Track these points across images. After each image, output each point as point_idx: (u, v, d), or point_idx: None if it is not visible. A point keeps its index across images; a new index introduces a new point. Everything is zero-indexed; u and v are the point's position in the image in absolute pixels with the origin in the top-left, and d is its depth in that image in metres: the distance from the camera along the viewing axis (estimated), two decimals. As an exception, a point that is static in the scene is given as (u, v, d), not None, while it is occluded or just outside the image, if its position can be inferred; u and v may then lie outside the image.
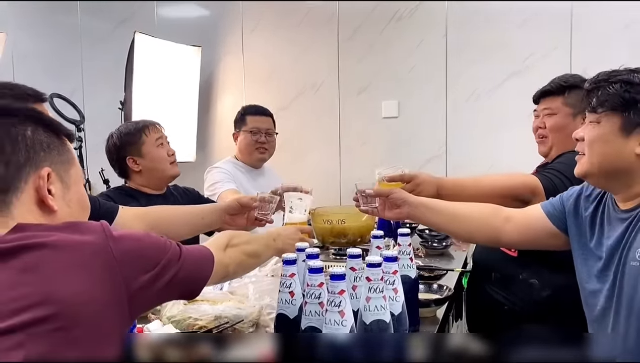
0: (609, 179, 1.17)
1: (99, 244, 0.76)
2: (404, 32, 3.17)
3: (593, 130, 1.16)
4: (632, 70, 1.14)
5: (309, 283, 0.94)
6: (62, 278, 0.71)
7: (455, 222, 1.45)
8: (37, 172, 0.80)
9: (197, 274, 0.95)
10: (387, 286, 1.00)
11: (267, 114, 2.49)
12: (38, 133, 0.82)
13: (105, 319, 0.73)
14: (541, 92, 1.80)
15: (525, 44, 2.92)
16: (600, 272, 1.19)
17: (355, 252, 1.03)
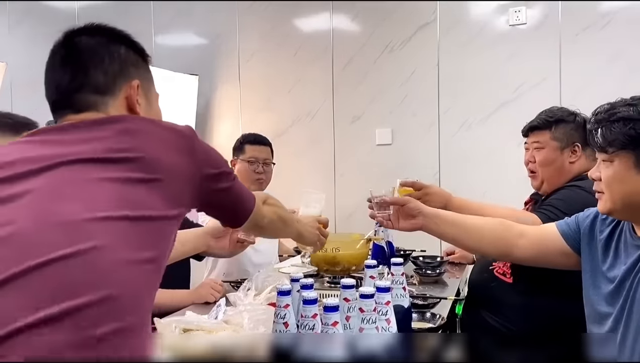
0: (632, 212, 1.18)
1: (189, 134, 0.92)
2: (396, 62, 3.24)
3: (608, 170, 1.16)
4: (629, 102, 1.15)
5: (303, 314, 0.96)
6: (153, 143, 0.86)
7: (468, 235, 1.46)
8: (128, 82, 0.96)
9: (244, 202, 1.08)
10: (379, 317, 1.02)
11: (265, 143, 2.49)
12: (129, 52, 0.98)
13: (180, 186, 0.88)
14: (529, 127, 1.84)
15: (515, 74, 2.99)
16: (610, 296, 1.20)
17: (349, 282, 1.05)
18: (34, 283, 0.70)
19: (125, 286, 0.76)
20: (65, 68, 0.94)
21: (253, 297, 1.54)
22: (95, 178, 0.80)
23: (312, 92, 3.43)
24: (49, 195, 0.78)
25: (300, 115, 3.46)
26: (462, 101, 3.11)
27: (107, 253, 0.75)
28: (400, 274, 1.27)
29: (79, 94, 0.92)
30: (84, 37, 0.96)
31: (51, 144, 0.84)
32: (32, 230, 0.74)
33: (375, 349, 0.89)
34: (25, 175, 0.80)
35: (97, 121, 0.88)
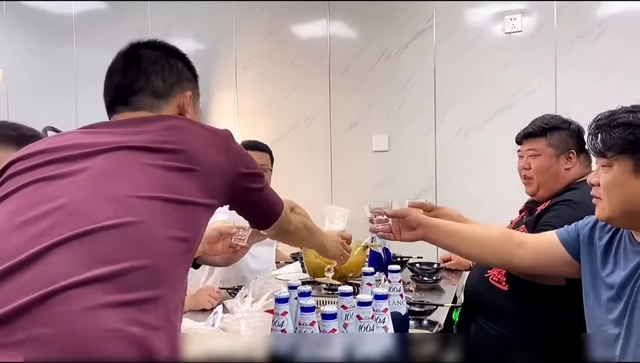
0: (631, 219, 1.18)
1: (226, 136, 1.03)
2: (393, 69, 3.25)
3: (607, 175, 1.17)
4: (630, 110, 1.17)
5: (301, 322, 0.96)
6: (194, 139, 0.96)
7: (468, 244, 1.48)
8: (182, 92, 1.09)
9: (272, 205, 1.16)
10: (377, 324, 1.02)
11: (265, 150, 2.47)
12: (185, 68, 1.12)
13: (215, 180, 0.97)
14: (524, 134, 1.85)
15: (511, 81, 3.01)
16: (609, 301, 1.21)
17: (347, 290, 1.05)
18: (84, 247, 0.79)
19: (161, 258, 0.84)
20: (128, 72, 1.06)
21: (250, 303, 1.54)
22: (141, 163, 0.90)
23: (309, 99, 3.44)
24: (100, 174, 0.88)
25: (298, 121, 3.47)
26: (459, 108, 3.12)
27: (147, 227, 0.84)
28: (398, 281, 1.27)
29: (137, 95, 1.04)
30: (148, 49, 1.09)
31: (104, 134, 0.95)
32: (84, 201, 0.84)
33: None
34: (80, 156, 0.90)
35: (147, 118, 1.00)
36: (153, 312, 0.79)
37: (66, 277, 0.75)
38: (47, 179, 0.88)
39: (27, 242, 0.79)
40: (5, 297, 0.74)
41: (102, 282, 0.76)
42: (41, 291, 0.74)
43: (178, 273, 0.88)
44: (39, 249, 0.78)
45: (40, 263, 0.77)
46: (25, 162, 0.92)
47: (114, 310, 0.75)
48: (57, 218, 0.82)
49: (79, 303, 0.74)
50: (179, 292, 0.89)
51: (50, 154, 0.92)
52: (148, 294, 0.79)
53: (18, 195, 0.88)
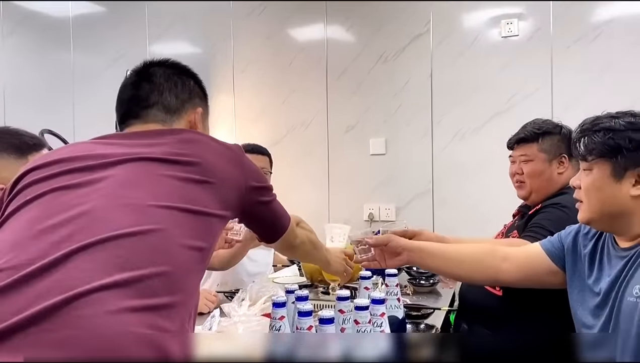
0: (610, 222, 1.20)
1: (238, 150, 1.07)
2: (390, 73, 3.26)
3: (587, 178, 1.20)
4: (613, 115, 1.19)
5: (298, 326, 0.96)
6: (208, 152, 1.00)
7: (453, 265, 1.48)
8: (194, 108, 1.13)
9: (280, 219, 1.20)
10: (374, 328, 1.02)
11: (264, 153, 2.47)
12: (196, 86, 1.16)
13: (229, 192, 1.00)
14: (516, 139, 1.86)
15: (507, 85, 3.02)
16: (596, 308, 1.22)
17: (344, 294, 1.05)
18: (105, 252, 0.81)
19: (178, 266, 0.86)
20: (141, 87, 1.09)
21: (247, 307, 1.54)
22: (159, 174, 0.93)
23: (307, 102, 3.44)
24: (120, 183, 0.91)
25: (295, 124, 3.48)
26: (455, 111, 3.13)
27: (166, 235, 0.87)
28: (395, 285, 1.28)
29: (150, 109, 1.08)
30: (162, 67, 1.13)
31: (118, 145, 0.98)
32: (105, 209, 0.87)
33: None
34: (98, 166, 0.93)
35: (160, 131, 1.04)
36: (170, 318, 0.82)
37: (89, 281, 0.77)
38: (67, 188, 0.90)
39: (49, 248, 0.81)
40: (29, 300, 0.76)
41: (123, 286, 0.79)
42: (65, 294, 0.76)
43: (193, 282, 0.91)
44: (62, 254, 0.80)
45: (63, 268, 0.79)
46: (42, 171, 0.95)
47: (135, 314, 0.78)
48: (78, 225, 0.84)
49: (102, 307, 0.76)
50: (193, 299, 0.91)
51: (68, 164, 0.94)
52: (166, 300, 0.82)
53: (37, 203, 0.90)
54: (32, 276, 0.78)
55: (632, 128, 1.15)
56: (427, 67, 3.19)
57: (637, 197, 1.14)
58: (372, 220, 3.26)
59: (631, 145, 1.13)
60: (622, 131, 1.15)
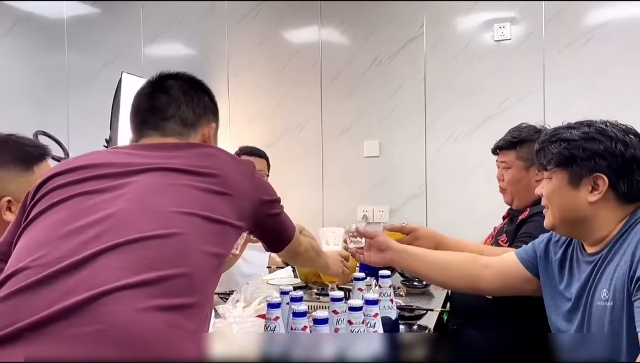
0: (572, 228, 1.25)
1: (250, 165, 1.12)
2: (384, 76, 3.28)
3: (548, 186, 1.26)
4: (571, 126, 1.25)
5: (293, 327, 0.98)
6: (226, 166, 1.03)
7: (435, 271, 1.50)
8: (208, 123, 1.16)
9: (287, 229, 1.23)
10: (368, 329, 1.04)
11: (262, 155, 2.49)
12: (210, 102, 1.19)
13: (244, 204, 1.03)
14: (495, 146, 1.89)
15: (500, 88, 3.05)
16: (568, 313, 1.26)
17: (338, 295, 1.07)
18: (131, 253, 0.85)
19: (199, 269, 0.89)
20: (159, 99, 1.12)
21: (242, 308, 1.55)
22: (181, 183, 0.97)
23: (301, 105, 3.45)
24: (144, 189, 0.94)
25: (289, 127, 3.49)
26: (449, 114, 3.16)
27: (188, 239, 0.90)
28: (388, 286, 1.30)
29: (168, 122, 1.10)
30: (179, 80, 1.16)
31: (138, 156, 1.02)
32: (130, 212, 0.90)
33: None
34: (123, 174, 0.97)
35: (178, 144, 1.08)
36: (191, 318, 0.85)
37: (117, 280, 0.80)
38: (93, 193, 0.94)
39: (78, 247, 0.84)
40: (59, 295, 0.79)
41: (149, 286, 0.82)
42: (93, 291, 0.79)
43: (210, 286, 0.95)
44: (90, 253, 0.83)
45: (91, 266, 0.82)
46: (66, 176, 0.98)
47: (160, 312, 0.81)
48: (105, 227, 0.87)
49: (129, 305, 0.79)
50: (209, 302, 0.96)
51: (92, 170, 0.98)
52: (188, 301, 0.85)
53: (64, 206, 0.93)
54: (61, 273, 0.81)
55: (586, 138, 1.20)
56: (421, 70, 3.21)
57: (594, 203, 1.19)
58: (367, 222, 3.28)
59: (584, 154, 1.19)
60: (576, 141, 1.20)
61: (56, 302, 0.78)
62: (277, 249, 1.29)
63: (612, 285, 1.13)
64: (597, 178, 1.18)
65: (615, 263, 1.15)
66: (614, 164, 1.17)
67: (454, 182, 3.14)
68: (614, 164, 1.17)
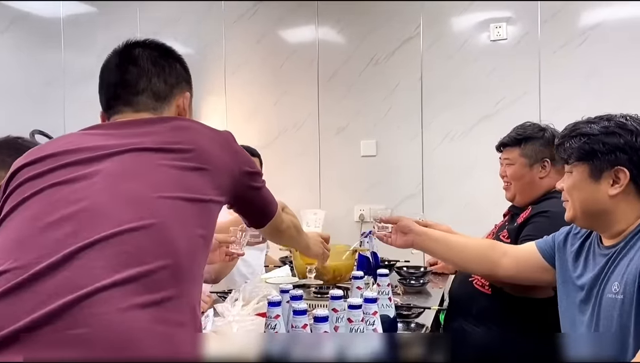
0: (592, 220, 1.28)
1: (229, 136, 1.07)
2: (381, 75, 3.30)
3: (569, 180, 1.29)
4: (590, 121, 1.27)
5: (293, 325, 0.99)
6: (201, 139, 0.99)
7: (453, 253, 1.59)
8: (182, 93, 1.11)
9: (269, 204, 1.21)
10: (367, 326, 1.05)
11: (255, 154, 2.50)
12: (182, 69, 1.14)
13: (224, 178, 1.00)
14: (500, 143, 1.92)
15: (496, 88, 3.07)
16: (581, 303, 1.28)
17: (337, 293, 1.08)
18: (111, 249, 0.82)
19: (183, 257, 0.87)
20: (128, 71, 1.06)
21: (241, 307, 1.56)
22: (155, 163, 0.92)
23: (298, 104, 3.46)
24: (117, 175, 0.90)
25: (286, 126, 3.50)
26: (445, 114, 3.18)
27: (169, 227, 0.87)
28: (386, 285, 1.31)
29: (140, 97, 1.06)
30: (145, 49, 1.10)
31: (110, 136, 0.97)
32: (105, 203, 0.86)
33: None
34: (93, 159, 0.92)
35: (150, 120, 1.03)
36: (179, 309, 0.84)
37: (98, 279, 0.78)
38: (64, 183, 0.90)
39: (54, 245, 0.81)
40: (41, 299, 0.77)
41: (131, 283, 0.80)
42: (76, 293, 0.77)
43: (199, 269, 0.93)
44: (68, 252, 0.80)
45: (70, 266, 0.80)
46: (35, 167, 0.94)
47: (145, 310, 0.79)
48: (81, 221, 0.84)
49: (113, 305, 0.77)
50: (199, 286, 0.94)
51: (62, 158, 0.94)
52: (174, 292, 0.83)
53: (35, 200, 0.89)
54: (40, 275, 0.79)
55: (606, 132, 1.22)
56: (417, 70, 3.22)
57: (615, 196, 1.21)
58: (363, 221, 3.29)
59: (605, 148, 1.21)
60: (597, 135, 1.23)
61: (39, 306, 0.76)
62: (259, 224, 1.26)
63: (624, 279, 1.15)
64: (618, 171, 1.20)
65: (629, 258, 1.17)
66: (635, 158, 1.19)
67: (451, 181, 3.16)
68: (635, 158, 1.19)
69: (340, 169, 3.39)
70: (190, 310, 0.86)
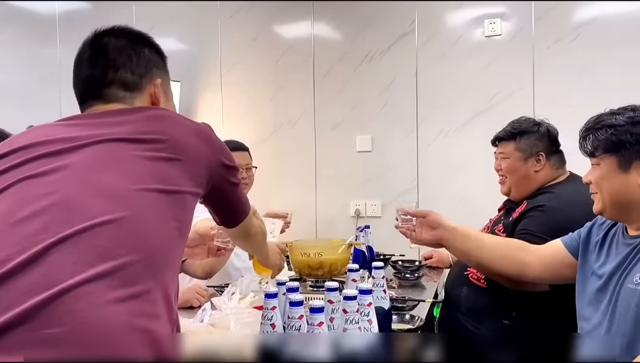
0: (622, 212, 1.27)
1: (207, 127, 1.06)
2: (376, 71, 3.31)
3: (596, 172, 1.28)
4: (614, 112, 1.27)
5: (289, 316, 1.01)
6: (176, 128, 0.97)
7: (484, 251, 1.54)
8: (152, 81, 1.07)
9: (243, 204, 1.19)
10: (362, 317, 1.07)
11: (244, 148, 2.51)
12: (152, 53, 1.11)
13: (199, 168, 0.98)
14: (495, 137, 1.94)
15: (490, 84, 3.09)
16: (598, 291, 1.29)
17: (333, 285, 1.10)
18: (84, 244, 0.80)
19: (159, 248, 0.86)
20: (97, 64, 1.05)
21: (237, 301, 1.58)
22: (128, 155, 0.90)
23: (294, 100, 3.48)
24: (89, 167, 0.88)
25: (282, 122, 3.51)
26: (440, 110, 3.19)
27: (142, 219, 0.86)
28: (381, 277, 1.33)
29: (109, 89, 1.04)
30: (113, 38, 1.08)
31: (83, 127, 0.95)
32: (77, 196, 0.85)
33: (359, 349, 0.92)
34: (65, 151, 0.90)
35: (124, 110, 1.00)
36: (155, 302, 0.83)
37: (72, 275, 0.77)
38: (34, 176, 0.87)
39: (26, 241, 0.79)
40: (14, 297, 0.75)
41: (106, 277, 0.78)
42: (50, 290, 0.75)
43: (174, 260, 0.92)
44: (40, 248, 0.78)
45: (43, 262, 0.78)
46: (6, 160, 0.91)
47: (120, 305, 0.78)
48: (53, 215, 0.82)
49: (89, 301, 0.76)
50: (175, 277, 0.93)
51: (32, 150, 0.91)
52: (150, 285, 0.82)
53: (6, 195, 0.87)
54: (13, 273, 0.77)
55: (632, 122, 1.23)
56: (412, 66, 3.24)
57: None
58: (359, 216, 3.31)
59: (633, 138, 1.21)
60: (623, 126, 1.23)
61: (13, 305, 0.74)
62: (230, 224, 1.23)
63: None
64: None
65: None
66: None
67: (446, 177, 3.18)
68: None
69: (336, 164, 3.41)
70: (165, 302, 0.85)
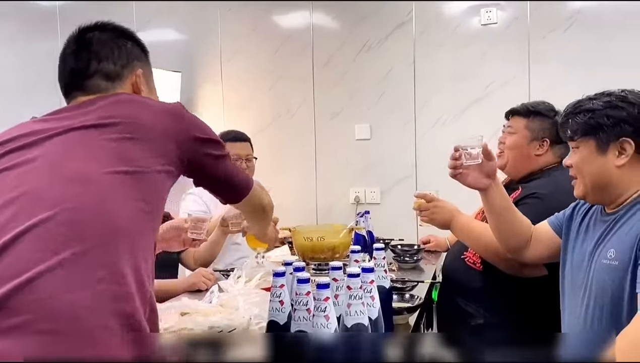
0: (602, 194, 1.32)
1: (178, 105, 1.06)
2: (374, 60, 3.36)
3: (576, 156, 1.33)
4: (591, 97, 1.33)
5: (297, 292, 1.06)
6: (141, 109, 1.00)
7: (509, 216, 1.57)
8: (133, 71, 1.11)
9: (237, 176, 1.18)
10: (365, 294, 1.12)
11: (245, 139, 2.50)
12: (134, 46, 1.15)
13: (166, 145, 0.98)
14: (510, 110, 1.94)
15: (486, 72, 3.14)
16: (577, 268, 1.35)
17: (337, 264, 1.16)
18: (49, 231, 0.82)
19: (125, 231, 0.88)
20: (81, 57, 1.09)
21: (244, 283, 1.64)
22: (94, 140, 0.93)
23: (293, 89, 3.52)
24: (56, 157, 0.91)
25: (281, 111, 3.56)
26: (437, 98, 3.25)
27: (108, 203, 0.88)
28: (382, 258, 1.39)
29: (91, 80, 1.07)
30: (97, 32, 1.12)
31: (58, 119, 0.98)
32: (44, 186, 0.87)
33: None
34: (34, 143, 0.93)
35: (98, 98, 1.03)
36: (124, 283, 0.84)
37: (37, 264, 0.78)
38: (6, 170, 0.90)
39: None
40: None
41: (72, 263, 0.80)
42: (18, 279, 0.77)
43: (144, 241, 0.93)
44: (8, 238, 0.81)
45: (12, 251, 0.80)
46: None
47: (84, 290, 0.80)
48: (19, 206, 0.84)
49: (53, 288, 0.78)
50: (150, 256, 0.94)
51: (5, 146, 0.94)
52: (117, 267, 0.84)
53: None
54: None
55: (609, 106, 1.27)
56: (410, 55, 3.29)
57: (622, 166, 1.27)
58: (358, 203, 3.37)
59: (610, 121, 1.26)
60: (600, 110, 1.28)
61: None
62: (233, 200, 1.23)
63: (620, 245, 1.21)
64: (623, 143, 1.25)
65: (629, 226, 1.23)
66: (639, 128, 1.25)
67: (443, 164, 3.20)
68: (639, 128, 1.25)
69: (335, 152, 3.46)
70: (138, 283, 0.86)
